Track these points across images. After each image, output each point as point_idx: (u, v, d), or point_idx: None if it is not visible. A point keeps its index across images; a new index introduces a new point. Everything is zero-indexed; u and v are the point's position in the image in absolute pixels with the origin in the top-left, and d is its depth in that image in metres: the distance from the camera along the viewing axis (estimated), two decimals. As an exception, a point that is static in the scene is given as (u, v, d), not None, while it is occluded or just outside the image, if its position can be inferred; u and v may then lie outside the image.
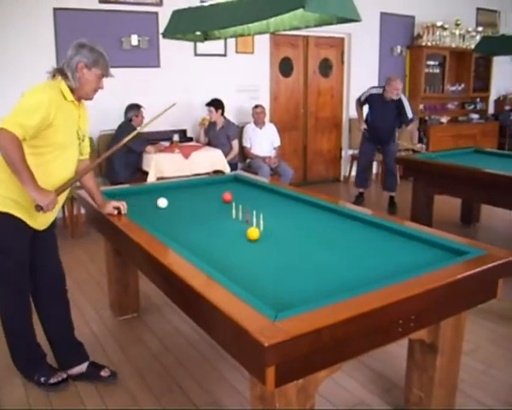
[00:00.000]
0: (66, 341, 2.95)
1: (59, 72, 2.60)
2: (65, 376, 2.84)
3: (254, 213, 2.83)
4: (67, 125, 2.61)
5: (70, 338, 2.96)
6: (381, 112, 6.28)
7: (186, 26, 2.77)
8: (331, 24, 2.65)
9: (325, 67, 8.11)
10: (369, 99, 6.41)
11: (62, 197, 2.74)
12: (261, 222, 2.77)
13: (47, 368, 2.86)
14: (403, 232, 2.60)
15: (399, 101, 6.17)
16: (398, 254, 2.38)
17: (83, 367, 2.91)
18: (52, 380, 2.80)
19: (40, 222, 2.70)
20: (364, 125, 6.48)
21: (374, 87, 6.55)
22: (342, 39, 8.11)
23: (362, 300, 1.78)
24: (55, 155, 2.58)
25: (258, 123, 6.72)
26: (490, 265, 2.13)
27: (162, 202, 3.24)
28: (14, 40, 5.45)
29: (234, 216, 2.99)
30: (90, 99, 2.73)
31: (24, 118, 2.37)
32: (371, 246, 2.51)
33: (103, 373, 2.89)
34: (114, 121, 5.79)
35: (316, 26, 2.75)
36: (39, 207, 2.46)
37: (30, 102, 2.44)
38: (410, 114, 6.21)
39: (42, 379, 2.80)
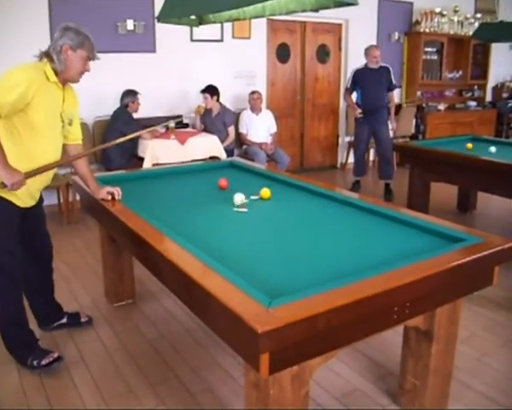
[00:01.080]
0: (49, 301, 3.22)
1: (45, 55, 2.62)
2: (56, 356, 2.87)
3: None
4: (48, 107, 2.62)
5: (52, 299, 3.24)
6: (371, 81, 6.43)
7: (181, 9, 2.73)
8: (328, 8, 2.61)
9: (322, 54, 8.06)
10: (356, 77, 6.52)
11: (46, 178, 2.80)
12: (257, 208, 2.75)
13: (39, 351, 2.87)
14: (399, 219, 2.59)
15: (387, 68, 6.51)
16: (395, 241, 2.36)
17: (63, 320, 3.26)
18: (44, 361, 2.82)
19: (26, 200, 2.73)
20: (359, 110, 6.50)
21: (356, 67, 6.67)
22: (340, 25, 8.05)
23: (357, 287, 1.77)
24: (35, 136, 2.60)
25: (255, 109, 6.68)
26: (486, 252, 2.12)
27: (239, 199, 2.92)
28: (7, 26, 5.36)
29: (229, 202, 2.96)
30: (76, 82, 2.74)
31: (1, 94, 2.40)
32: (367, 233, 2.50)
33: (83, 319, 3.31)
34: (110, 107, 5.75)
35: (312, 10, 2.71)
36: (3, 185, 2.49)
37: (9, 79, 2.47)
38: (394, 81, 6.68)
39: (34, 362, 2.82)
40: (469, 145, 5.08)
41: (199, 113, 6.37)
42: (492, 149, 4.86)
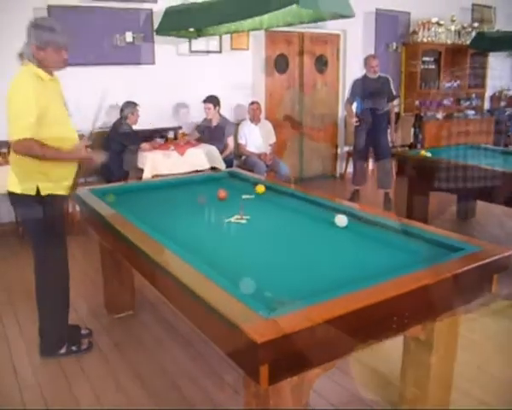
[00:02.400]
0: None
1: (22, 56, 2.82)
2: (88, 342, 3.21)
3: (249, 209, 2.82)
4: (56, 99, 2.86)
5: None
6: (370, 91, 6.44)
7: (179, 22, 2.76)
8: (324, 20, 2.64)
9: (320, 64, 8.09)
10: (356, 87, 6.55)
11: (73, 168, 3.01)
12: (256, 219, 2.76)
13: (72, 339, 3.16)
14: (398, 229, 2.59)
15: (386, 78, 6.57)
16: (393, 250, 2.37)
17: None
18: (83, 346, 3.16)
19: (66, 185, 2.95)
20: (355, 118, 6.55)
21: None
22: (338, 36, 8.09)
23: (355, 297, 1.78)
24: (59, 124, 2.82)
25: (254, 119, 6.70)
26: (485, 261, 2.13)
27: (342, 221, 2.73)
28: (5, 39, 5.38)
29: (228, 213, 2.97)
30: (62, 68, 2.90)
31: (24, 119, 2.60)
32: (366, 242, 2.51)
33: (83, 332, 3.35)
34: (109, 119, 5.75)
35: (309, 22, 2.73)
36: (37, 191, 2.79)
37: (20, 102, 2.64)
38: (394, 91, 6.74)
39: (73, 348, 3.13)
40: (423, 152, 5.33)
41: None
42: (428, 153, 5.17)
